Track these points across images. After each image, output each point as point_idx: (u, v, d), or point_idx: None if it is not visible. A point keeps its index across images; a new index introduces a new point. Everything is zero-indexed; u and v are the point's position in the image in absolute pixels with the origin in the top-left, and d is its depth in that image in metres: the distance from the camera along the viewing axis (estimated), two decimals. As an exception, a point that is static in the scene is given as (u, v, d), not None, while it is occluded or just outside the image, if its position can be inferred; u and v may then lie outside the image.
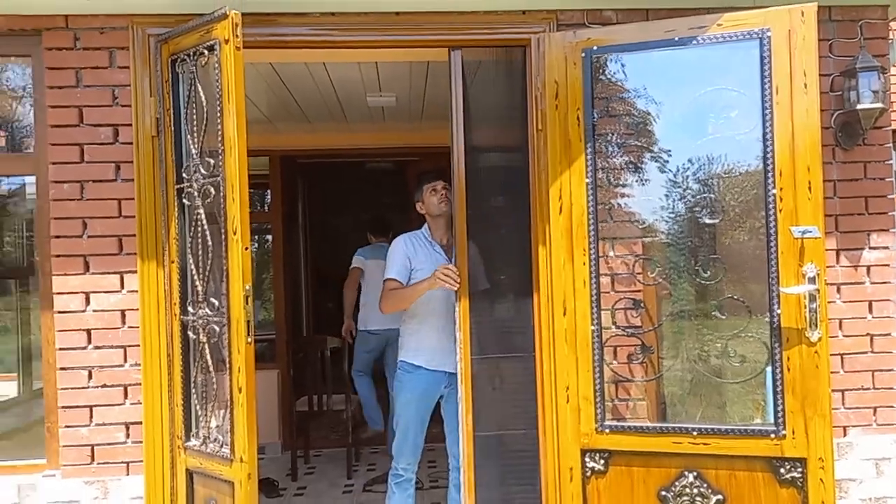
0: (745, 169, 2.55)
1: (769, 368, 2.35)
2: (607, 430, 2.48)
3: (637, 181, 2.69)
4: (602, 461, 2.49)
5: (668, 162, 2.67)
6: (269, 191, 5.46)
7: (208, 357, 2.39)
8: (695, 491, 2.41)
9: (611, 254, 2.69)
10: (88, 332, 2.56)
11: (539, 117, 2.63)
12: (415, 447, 2.88)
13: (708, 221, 2.55)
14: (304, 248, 6.35)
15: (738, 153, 2.54)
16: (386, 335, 4.66)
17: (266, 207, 5.70)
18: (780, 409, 2.31)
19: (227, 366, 2.29)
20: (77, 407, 2.55)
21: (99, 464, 2.56)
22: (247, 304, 2.25)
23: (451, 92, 2.70)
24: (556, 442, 2.55)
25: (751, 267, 2.50)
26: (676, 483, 2.43)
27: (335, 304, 5.90)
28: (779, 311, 2.31)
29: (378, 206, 7.52)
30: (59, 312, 2.56)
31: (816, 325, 2.26)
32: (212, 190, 2.35)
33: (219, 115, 2.32)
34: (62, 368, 2.56)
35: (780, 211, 2.33)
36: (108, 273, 2.57)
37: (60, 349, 2.56)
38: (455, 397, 2.72)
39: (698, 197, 2.58)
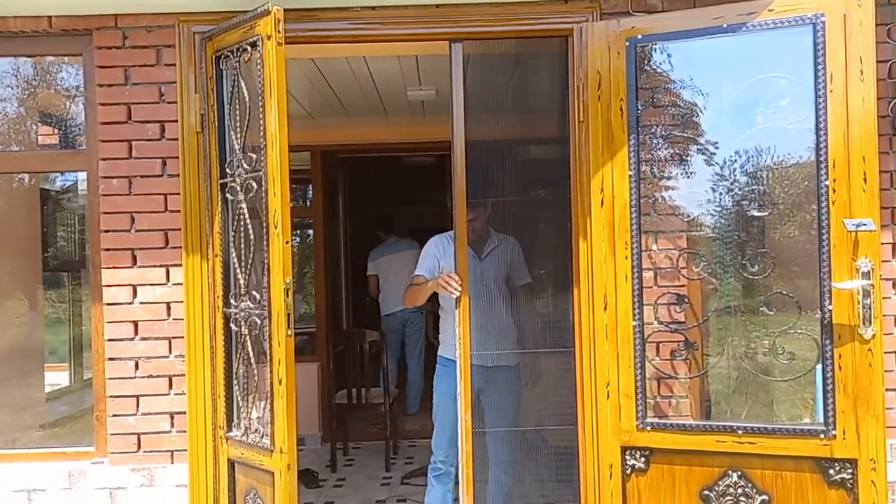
0: (796, 160, 2.46)
1: (819, 366, 2.27)
2: (648, 428, 2.43)
3: (682, 173, 2.63)
4: (643, 459, 2.45)
5: (714, 154, 2.59)
6: (310, 186, 5.52)
7: (250, 349, 2.43)
8: (739, 491, 2.34)
9: (654, 248, 2.64)
10: (135, 323, 2.63)
11: (581, 108, 2.59)
12: (452, 440, 2.89)
13: (756, 214, 2.47)
14: (345, 243, 6.41)
15: (789, 144, 2.45)
16: (402, 316, 5.66)
17: (308, 202, 5.77)
18: (830, 408, 2.23)
19: (268, 358, 2.32)
20: (124, 396, 2.62)
21: (145, 452, 2.62)
22: (287, 297, 2.27)
23: (451, 84, 2.70)
24: (595, 439, 2.52)
25: (801, 261, 2.42)
26: (720, 483, 2.37)
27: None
28: (830, 307, 2.23)
29: (418, 201, 7.59)
30: (108, 304, 2.63)
31: (870, 322, 2.17)
32: (254, 184, 2.38)
33: (261, 110, 2.35)
34: (110, 359, 2.63)
35: (833, 203, 2.24)
36: (155, 266, 2.63)
37: (109, 340, 2.63)
38: (494, 391, 2.74)
39: (746, 189, 2.50)
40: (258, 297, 2.38)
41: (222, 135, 2.56)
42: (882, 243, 2.39)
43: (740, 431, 2.33)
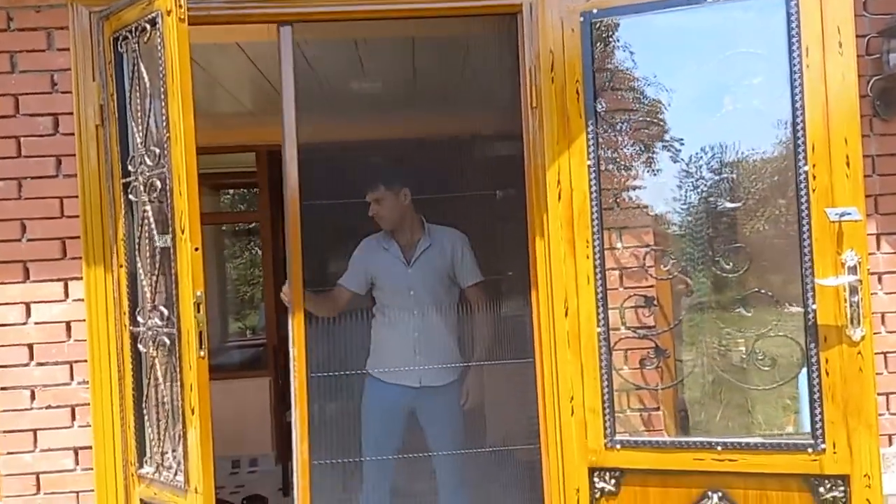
0: (772, 144, 2.23)
1: (804, 372, 2.04)
2: (618, 446, 2.17)
3: (646, 162, 2.38)
4: (613, 481, 2.18)
5: (682, 141, 2.35)
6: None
7: (159, 373, 2.10)
8: (720, 514, 2.10)
9: (618, 245, 2.38)
10: (30, 346, 2.28)
11: (533, 93, 2.32)
12: (383, 465, 2.66)
13: (729, 206, 2.23)
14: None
15: (763, 126, 2.22)
16: None
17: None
18: (818, 419, 1.99)
19: (179, 383, 2.00)
20: (19, 431, 2.27)
21: (46, 494, 2.27)
22: (198, 312, 1.95)
23: (281, 75, 2.44)
24: (560, 460, 2.25)
25: (780, 256, 2.18)
26: (699, 505, 2.12)
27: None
28: (814, 307, 1.99)
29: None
30: (-3, 326, 2.28)
31: (859, 322, 1.94)
32: (158, 183, 2.06)
33: (163, 98, 2.02)
34: (2, 388, 2.28)
35: (814, 191, 2.01)
36: (51, 280, 2.29)
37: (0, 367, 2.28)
38: (430, 412, 2.52)
39: (715, 179, 2.26)
40: (166, 313, 2.06)
41: (124, 128, 2.23)
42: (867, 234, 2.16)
43: (719, 448, 2.08)
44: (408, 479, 2.85)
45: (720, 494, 2.09)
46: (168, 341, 2.05)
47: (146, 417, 2.19)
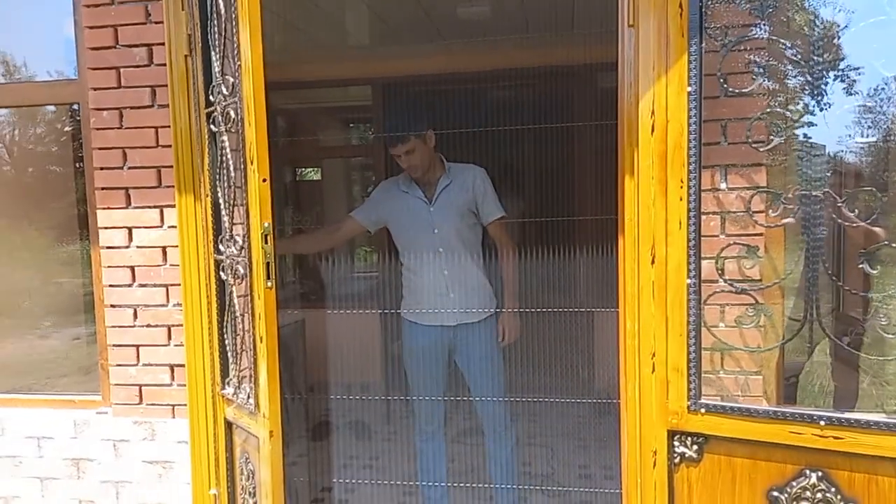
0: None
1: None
2: (703, 410, 1.96)
3: (763, 86, 2.04)
4: (695, 447, 1.99)
5: (810, 60, 1.99)
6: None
7: (235, 301, 2.17)
8: (818, 496, 1.85)
9: (722, 186, 2.10)
10: (132, 269, 2.45)
11: (631, 8, 2.05)
12: (430, 406, 2.66)
13: (861, 141, 1.88)
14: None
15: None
16: None
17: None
18: (950, 401, 1.67)
19: (251, 312, 2.05)
20: (124, 346, 2.47)
21: (147, 405, 2.48)
22: (266, 243, 1.97)
23: None
24: (638, 420, 2.08)
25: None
26: (794, 483, 1.88)
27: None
28: (958, 267, 1.64)
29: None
30: (105, 248, 2.46)
31: None
32: (232, 113, 2.07)
33: (235, 26, 2.00)
34: (110, 306, 2.47)
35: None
36: (149, 207, 2.42)
37: (108, 286, 2.47)
38: (468, 351, 2.45)
39: (848, 106, 1.90)
40: (241, 242, 2.10)
41: (207, 58, 2.24)
42: None
43: (822, 422, 1.81)
44: (458, 419, 2.86)
45: (819, 474, 1.84)
46: (242, 270, 2.10)
47: (227, 341, 2.28)
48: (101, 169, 2.43)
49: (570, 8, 3.65)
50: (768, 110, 2.02)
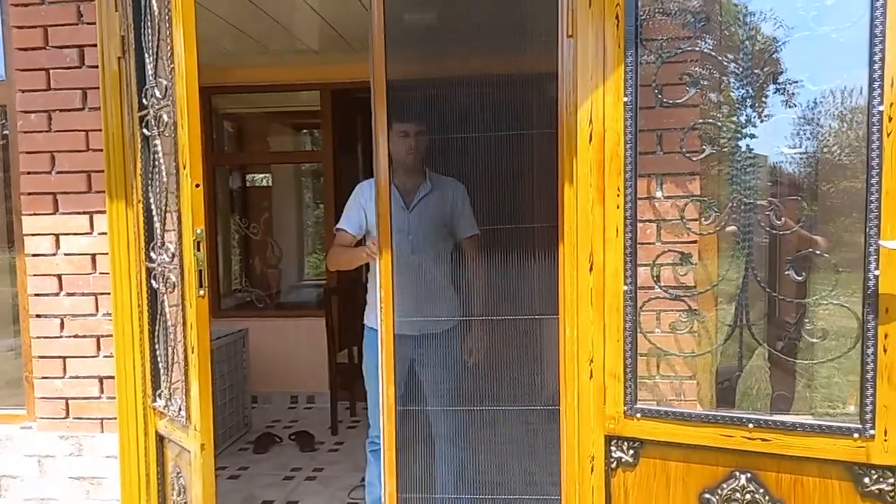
0: (844, 78, 1.91)
1: (858, 347, 1.76)
2: (638, 415, 1.98)
3: (694, 98, 2.09)
4: (631, 451, 2.01)
5: (737, 73, 2.05)
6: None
7: (167, 310, 2.10)
8: (747, 497, 1.89)
9: (658, 194, 2.14)
10: (59, 277, 2.36)
11: (570, 20, 2.08)
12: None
13: (787, 151, 1.94)
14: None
15: (836, 58, 1.89)
16: None
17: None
18: (868, 401, 1.73)
19: (183, 321, 1.99)
20: (51, 357, 2.37)
21: (74, 419, 2.38)
22: (198, 250, 1.92)
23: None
24: (577, 425, 2.10)
25: (841, 212, 1.88)
26: (724, 485, 1.92)
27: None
28: (876, 273, 1.70)
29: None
30: (31, 255, 2.36)
31: (930, 294, 1.65)
32: (165, 117, 2.02)
33: (168, 28, 1.96)
34: (35, 316, 2.37)
35: (889, 135, 1.69)
36: (78, 213, 2.34)
37: (33, 295, 2.37)
38: (430, 360, 2.42)
39: (775, 119, 1.96)
40: (172, 250, 2.04)
41: (141, 60, 2.19)
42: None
43: (750, 425, 1.86)
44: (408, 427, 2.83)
45: (748, 476, 1.88)
46: (174, 279, 2.04)
47: (158, 352, 2.22)
48: (28, 173, 2.34)
49: (518, 16, 3.68)
50: (700, 121, 2.08)
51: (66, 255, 2.35)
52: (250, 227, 5.84)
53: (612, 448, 2.03)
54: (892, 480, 1.73)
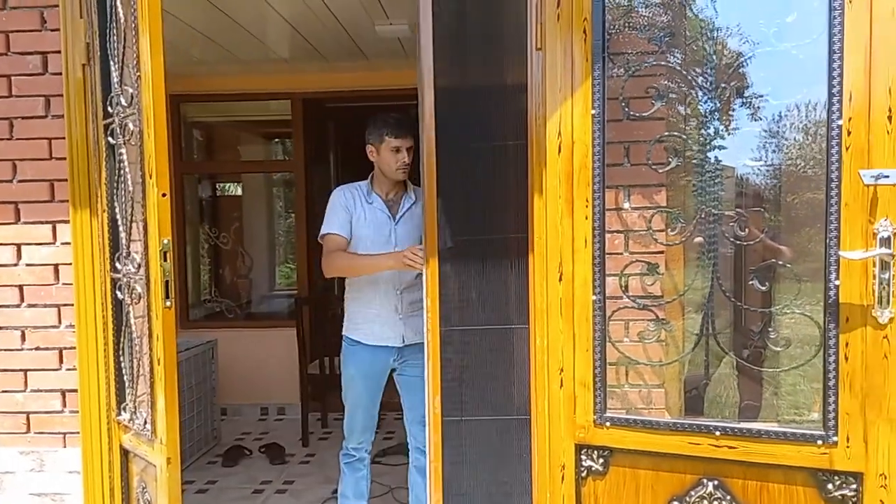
0: (806, 93, 1.95)
1: (821, 355, 1.80)
2: (608, 424, 2.00)
3: (661, 111, 2.13)
4: (601, 460, 2.03)
5: (704, 87, 2.09)
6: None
7: (133, 321, 2.07)
8: (715, 503, 1.92)
9: (626, 205, 2.17)
10: (21, 288, 2.30)
11: (539, 33, 2.10)
12: (364, 427, 2.60)
13: (750, 163, 1.98)
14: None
15: (797, 73, 1.94)
16: None
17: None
18: (831, 408, 1.77)
19: (148, 333, 1.96)
20: (11, 370, 2.31)
21: (36, 433, 2.32)
22: (164, 261, 1.89)
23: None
24: (548, 435, 2.10)
25: (805, 223, 1.92)
26: (692, 492, 1.94)
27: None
28: (837, 282, 1.74)
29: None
30: (-9, 266, 2.30)
31: (888, 302, 1.69)
32: (130, 125, 1.99)
33: (134, 36, 1.93)
34: (-4, 328, 2.31)
35: (847, 149, 1.73)
36: (40, 222, 2.28)
37: (-6, 306, 2.31)
38: (411, 371, 2.41)
39: (741, 132, 2.00)
40: (138, 260, 2.01)
41: (106, 68, 2.16)
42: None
43: (717, 433, 1.88)
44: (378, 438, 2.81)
45: (716, 483, 1.90)
46: (140, 289, 2.01)
47: (123, 365, 2.17)
48: (-12, 182, 2.28)
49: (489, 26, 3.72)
50: (667, 133, 2.11)
51: (27, 265, 2.29)
52: (220, 237, 5.78)
53: (583, 457, 2.04)
54: (854, 486, 1.76)
